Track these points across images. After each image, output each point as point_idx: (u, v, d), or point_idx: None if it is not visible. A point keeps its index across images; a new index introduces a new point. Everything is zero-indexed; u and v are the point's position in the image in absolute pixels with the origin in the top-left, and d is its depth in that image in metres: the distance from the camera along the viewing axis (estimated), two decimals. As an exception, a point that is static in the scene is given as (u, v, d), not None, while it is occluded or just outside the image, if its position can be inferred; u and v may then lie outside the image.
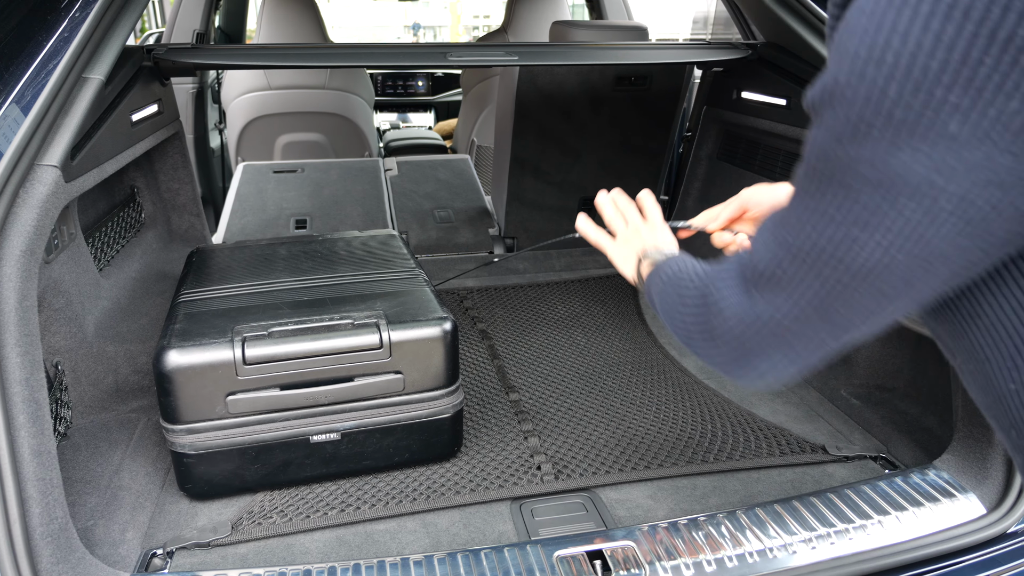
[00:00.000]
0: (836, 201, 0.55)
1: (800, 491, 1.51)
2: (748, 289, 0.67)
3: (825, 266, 0.57)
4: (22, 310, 1.17)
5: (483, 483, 1.54)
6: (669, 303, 0.81)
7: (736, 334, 0.68)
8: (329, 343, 1.44)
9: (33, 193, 1.26)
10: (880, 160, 0.51)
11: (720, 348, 0.70)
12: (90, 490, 1.43)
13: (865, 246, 0.54)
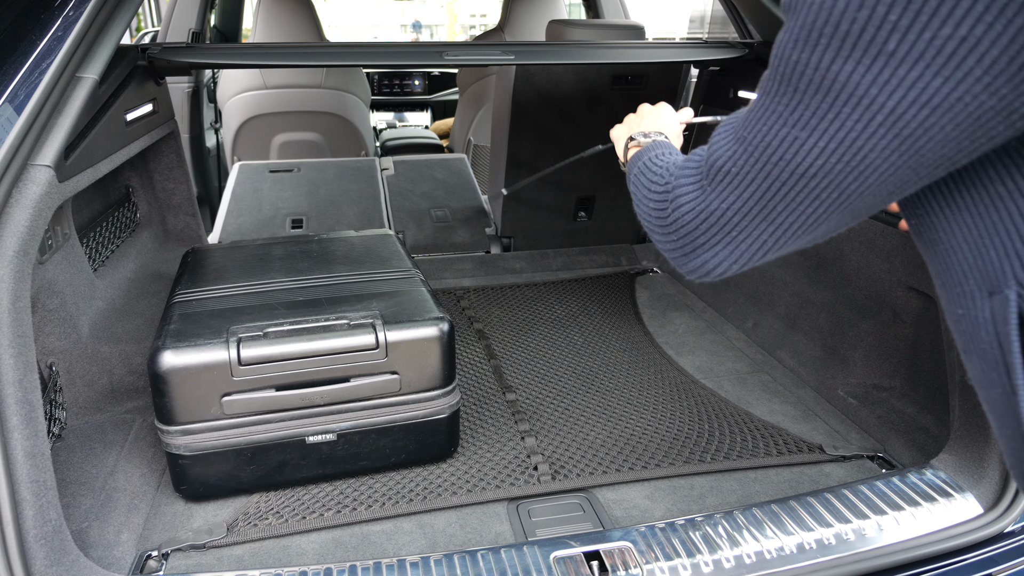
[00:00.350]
0: (787, 102, 0.59)
1: (797, 491, 1.51)
2: (703, 184, 0.71)
3: (770, 163, 0.62)
4: (15, 311, 1.16)
5: (480, 483, 1.53)
6: (638, 191, 0.86)
7: (688, 226, 0.73)
8: (325, 343, 1.44)
9: (26, 193, 1.25)
10: (826, 67, 0.54)
11: (672, 238, 0.76)
12: (84, 492, 1.42)
13: (805, 147, 0.58)
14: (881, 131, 0.54)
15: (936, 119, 0.51)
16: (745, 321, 2.27)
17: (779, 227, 0.66)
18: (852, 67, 0.53)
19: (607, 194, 2.84)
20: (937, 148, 0.53)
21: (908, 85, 0.51)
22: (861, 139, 0.55)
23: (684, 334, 2.27)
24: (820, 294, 2.00)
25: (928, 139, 0.53)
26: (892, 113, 0.52)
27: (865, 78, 0.52)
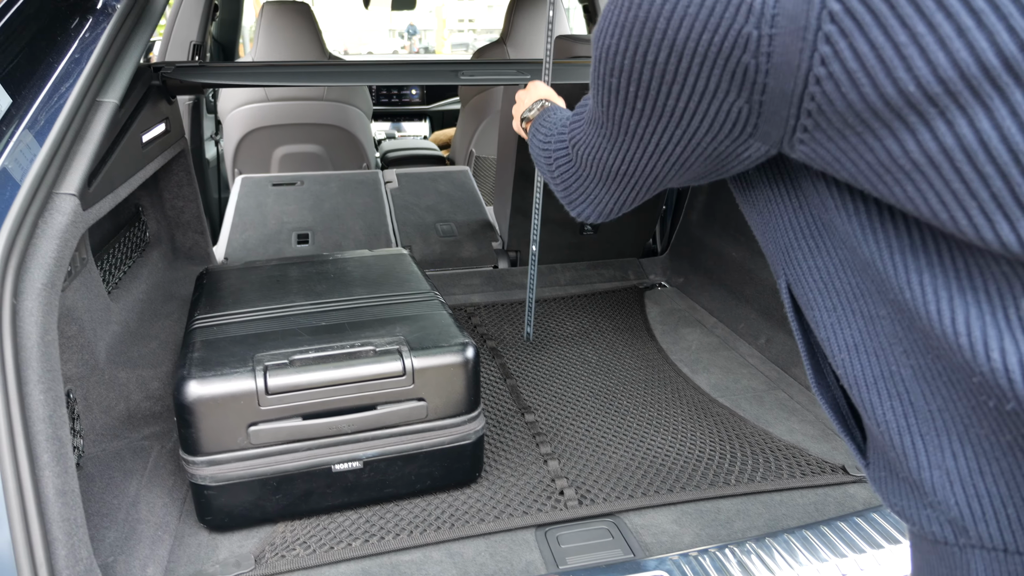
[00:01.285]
0: (597, 120, 0.76)
1: (824, 514, 1.51)
2: (571, 156, 0.91)
3: (598, 159, 0.81)
4: (44, 344, 1.15)
5: (506, 510, 1.52)
6: (538, 158, 1.07)
7: (562, 186, 0.95)
8: (351, 371, 1.42)
9: (52, 224, 1.23)
10: (607, 105, 0.70)
11: (558, 191, 0.97)
12: (108, 524, 1.40)
13: (612, 156, 0.77)
14: (655, 156, 0.70)
15: (687, 153, 0.66)
16: (758, 337, 2.27)
17: (620, 197, 0.84)
18: (622, 111, 0.68)
19: None
20: (700, 167, 0.68)
21: (660, 130, 0.66)
22: (643, 159, 0.72)
23: (697, 351, 2.27)
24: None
25: (689, 162, 0.68)
26: (657, 146, 0.68)
27: (632, 120, 0.68)
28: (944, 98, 0.48)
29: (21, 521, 1.05)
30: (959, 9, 0.46)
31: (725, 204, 2.59)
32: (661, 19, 0.57)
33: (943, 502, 0.61)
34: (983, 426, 0.57)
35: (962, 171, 0.49)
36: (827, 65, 0.51)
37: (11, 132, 1.36)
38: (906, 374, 0.61)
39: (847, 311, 0.64)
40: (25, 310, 1.14)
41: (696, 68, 0.57)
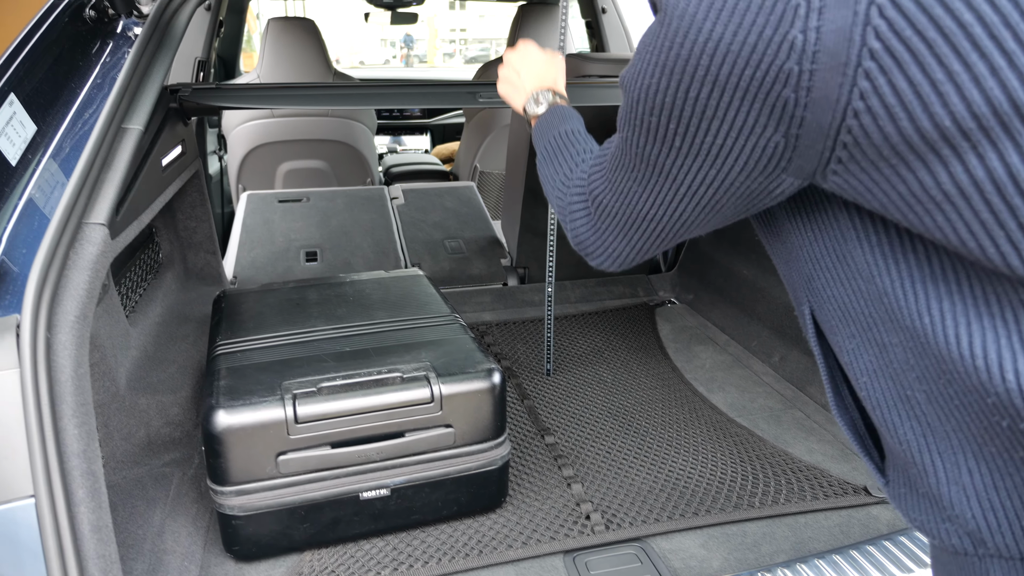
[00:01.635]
0: (626, 163, 0.75)
1: (848, 536, 1.52)
2: (590, 210, 0.87)
3: (626, 204, 0.79)
4: (77, 378, 1.14)
5: (533, 535, 1.52)
6: (546, 168, 1.04)
7: (580, 238, 0.91)
8: (380, 399, 1.42)
9: (83, 254, 1.22)
10: (641, 146, 0.70)
11: (570, 234, 0.93)
12: (134, 555, 1.38)
13: (641, 199, 0.76)
14: (687, 197, 0.70)
15: (720, 193, 0.67)
16: (772, 355, 2.28)
17: (640, 246, 0.84)
18: (658, 150, 0.68)
19: None
20: (730, 209, 0.69)
21: (696, 168, 0.66)
22: (674, 202, 0.72)
23: (712, 369, 2.28)
24: (851, 331, 2.01)
25: (720, 205, 0.69)
26: (691, 187, 0.68)
27: (668, 159, 0.68)
28: (976, 133, 0.50)
29: (58, 560, 1.04)
30: (992, 50, 0.48)
31: (736, 222, 2.60)
32: (704, 55, 0.58)
33: (961, 515, 0.64)
34: (996, 444, 0.60)
35: (991, 202, 0.52)
36: (866, 99, 0.53)
37: (38, 160, 1.36)
38: (920, 398, 0.64)
39: (864, 338, 0.67)
40: (59, 343, 1.13)
41: (737, 103, 0.59)
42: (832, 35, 0.52)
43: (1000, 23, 0.48)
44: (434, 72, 6.43)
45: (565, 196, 0.95)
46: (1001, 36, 0.49)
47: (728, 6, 0.56)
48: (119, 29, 1.71)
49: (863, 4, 0.51)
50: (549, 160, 1.04)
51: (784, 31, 0.54)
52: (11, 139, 1.34)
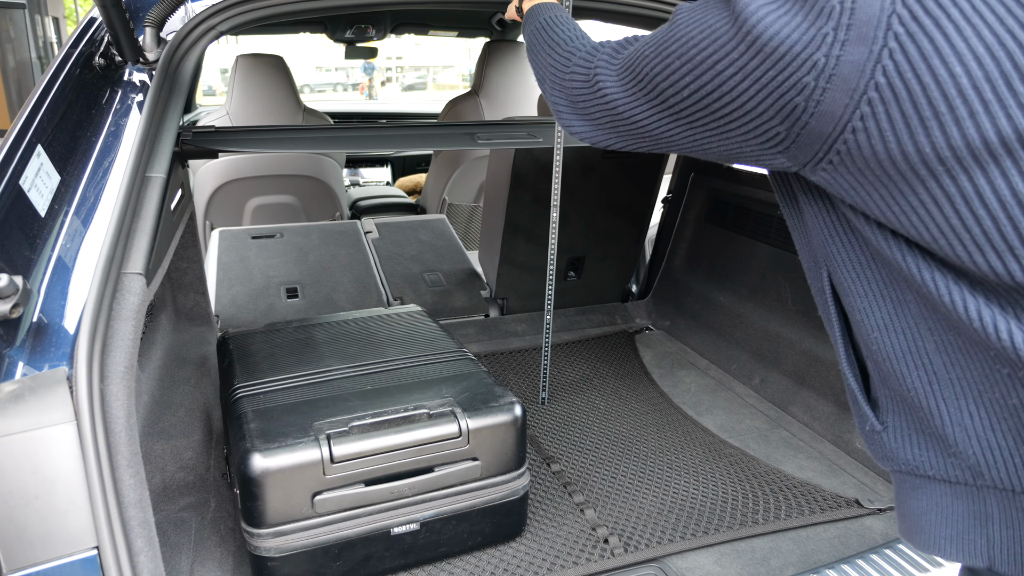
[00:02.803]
0: (640, 78, 0.84)
1: (848, 546, 1.63)
2: (624, 77, 0.90)
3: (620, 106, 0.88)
4: (129, 428, 1.15)
5: (556, 562, 1.58)
6: (538, 41, 1.10)
7: (589, 100, 0.94)
8: (410, 435, 1.46)
9: (126, 305, 1.24)
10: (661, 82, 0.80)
11: (564, 97, 0.99)
12: (171, 603, 1.38)
13: (638, 112, 0.86)
14: (684, 129, 0.81)
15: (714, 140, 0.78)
16: (751, 378, 2.41)
17: (622, 140, 0.92)
18: (673, 93, 0.78)
19: (596, 255, 2.96)
20: (716, 153, 0.81)
21: (701, 118, 0.77)
22: (671, 128, 0.82)
23: (697, 393, 2.39)
24: (828, 353, 2.15)
25: (710, 146, 0.80)
26: (690, 126, 0.80)
27: (680, 104, 0.78)
28: (951, 162, 0.63)
29: (124, 609, 1.05)
30: (973, 97, 0.61)
31: (709, 250, 2.74)
32: (746, 43, 0.69)
33: (963, 452, 0.74)
34: (996, 391, 0.71)
35: (951, 218, 0.65)
36: (864, 121, 0.65)
37: (65, 211, 1.37)
38: (930, 348, 0.74)
39: (878, 296, 0.78)
40: (111, 395, 1.14)
41: (754, 90, 0.70)
42: (848, 65, 0.64)
43: (983, 77, 0.60)
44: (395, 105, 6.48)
45: (568, 62, 1.00)
46: (982, 88, 0.61)
47: (771, 15, 0.67)
48: (125, 76, 1.73)
49: (878, 45, 0.62)
50: (542, 36, 1.11)
51: (811, 52, 0.65)
52: (40, 190, 1.35)
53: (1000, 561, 0.74)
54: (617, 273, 3.03)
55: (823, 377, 2.17)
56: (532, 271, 2.94)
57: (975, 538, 0.76)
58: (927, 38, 0.62)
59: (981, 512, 0.75)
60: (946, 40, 0.62)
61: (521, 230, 2.82)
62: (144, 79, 1.72)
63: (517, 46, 3.91)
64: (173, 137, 1.61)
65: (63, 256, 1.30)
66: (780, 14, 0.67)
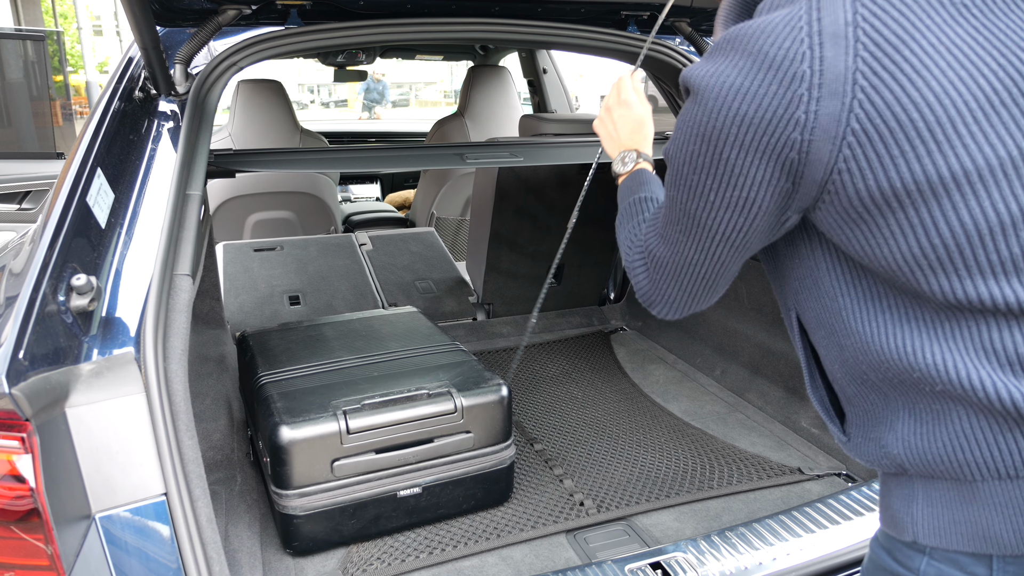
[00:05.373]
0: (673, 218, 0.93)
1: (789, 504, 1.90)
2: (648, 269, 1.01)
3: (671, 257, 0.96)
4: (186, 400, 1.40)
5: (540, 520, 1.83)
6: (622, 229, 1.15)
7: (642, 288, 1.03)
8: (414, 411, 1.72)
9: (179, 300, 1.49)
10: (684, 201, 0.89)
11: (638, 292, 1.05)
12: (211, 554, 1.62)
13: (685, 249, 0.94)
14: (721, 241, 0.89)
15: (745, 233, 0.87)
16: (714, 369, 2.69)
17: (692, 290, 0.98)
18: (697, 204, 0.87)
19: (574, 263, 3.23)
20: (754, 243, 0.89)
21: (727, 217, 0.86)
22: (712, 245, 0.90)
23: (665, 383, 2.66)
24: (778, 345, 2.44)
25: (746, 241, 0.88)
26: (724, 233, 0.88)
27: (705, 212, 0.87)
28: (915, 194, 0.75)
29: (188, 543, 1.30)
30: (928, 138, 0.74)
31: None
32: (734, 127, 0.80)
33: (891, 452, 0.89)
34: (922, 403, 0.85)
35: (911, 245, 0.77)
36: (846, 163, 0.76)
37: (120, 223, 1.62)
38: (872, 377, 0.88)
39: (830, 339, 0.92)
40: (172, 372, 1.39)
41: (757, 160, 0.80)
42: (826, 117, 0.75)
43: (935, 121, 0.73)
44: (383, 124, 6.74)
45: (630, 254, 1.07)
46: (935, 130, 0.73)
47: (751, 91, 0.78)
48: (159, 107, 1.99)
49: (848, 98, 0.74)
50: (624, 222, 1.16)
51: (792, 111, 0.76)
52: (101, 206, 1.60)
53: (923, 534, 0.87)
54: (594, 279, 3.31)
55: (775, 367, 2.45)
56: (516, 278, 3.21)
57: (903, 516, 0.89)
58: (888, 90, 0.73)
59: (909, 494, 0.89)
60: (903, 91, 0.73)
61: (505, 240, 3.09)
62: (174, 109, 1.97)
63: (500, 70, 4.21)
64: (206, 159, 1.86)
65: (119, 260, 1.55)
66: (754, 93, 0.77)
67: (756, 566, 1.57)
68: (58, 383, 1.21)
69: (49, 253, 1.29)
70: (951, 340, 0.80)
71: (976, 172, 0.74)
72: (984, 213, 0.75)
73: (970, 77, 0.74)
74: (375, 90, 10.78)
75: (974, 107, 0.74)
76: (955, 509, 0.85)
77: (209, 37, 1.90)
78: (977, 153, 0.74)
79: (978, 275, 0.77)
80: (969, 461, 0.82)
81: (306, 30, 2.00)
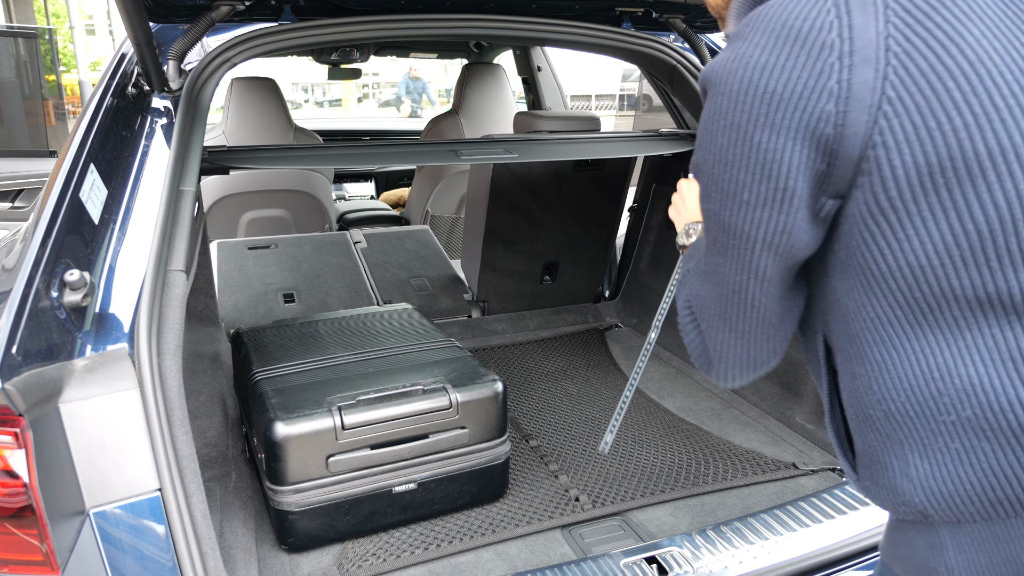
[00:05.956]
0: (709, 241, 0.86)
1: (783, 499, 1.90)
2: (696, 323, 0.94)
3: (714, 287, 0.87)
4: (180, 395, 1.40)
5: (535, 516, 1.83)
6: (682, 296, 1.04)
7: (695, 348, 0.96)
8: (408, 407, 1.72)
9: (172, 295, 1.49)
10: (716, 211, 0.82)
11: (697, 362, 0.97)
12: (206, 551, 1.62)
13: (727, 274, 0.84)
14: (763, 251, 0.81)
15: (786, 234, 0.79)
16: (708, 365, 2.69)
17: (743, 329, 0.87)
18: (732, 210, 0.80)
19: (569, 260, 3.24)
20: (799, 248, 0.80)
21: (766, 219, 0.78)
22: (754, 259, 0.81)
23: (660, 380, 2.66)
24: (772, 340, 2.44)
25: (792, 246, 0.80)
26: (764, 239, 0.80)
27: (741, 217, 0.79)
28: (949, 173, 0.71)
29: (183, 539, 1.29)
30: (965, 111, 0.70)
31: (671, 254, 3.03)
32: (763, 106, 0.74)
33: (910, 500, 0.82)
34: (938, 441, 0.79)
35: (952, 228, 0.73)
36: (883, 135, 0.71)
37: (113, 219, 1.61)
38: (878, 415, 0.82)
39: (844, 367, 0.87)
40: (165, 367, 1.39)
41: (791, 141, 0.74)
42: (860, 85, 0.71)
43: (971, 92, 0.70)
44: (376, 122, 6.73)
45: (682, 316, 0.98)
46: (971, 102, 0.70)
47: (778, 66, 0.73)
48: (152, 103, 1.98)
49: (882, 64, 0.70)
50: (682, 293, 1.07)
51: (824, 82, 0.71)
52: (94, 202, 1.59)
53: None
54: (589, 276, 3.31)
55: (768, 362, 2.45)
56: (511, 275, 3.21)
57: (936, 566, 0.84)
58: (921, 56, 0.70)
59: (936, 543, 0.83)
60: (937, 59, 0.70)
61: (500, 238, 3.09)
62: (167, 105, 1.97)
63: (495, 68, 4.21)
64: (199, 156, 1.86)
65: (113, 256, 1.55)
66: (781, 67, 0.73)
67: (751, 560, 1.58)
68: (51, 378, 1.21)
69: (42, 249, 1.29)
70: (978, 352, 0.76)
71: (1013, 150, 0.71)
72: (1019, 195, 0.72)
73: (1004, 50, 0.72)
74: (415, 89, 10.41)
75: (1011, 80, 0.71)
76: (991, 551, 0.80)
77: (202, 33, 1.89)
78: (1015, 129, 0.71)
79: (1010, 266, 0.73)
80: (1003, 499, 0.77)
81: (300, 26, 2.00)
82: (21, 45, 5.18)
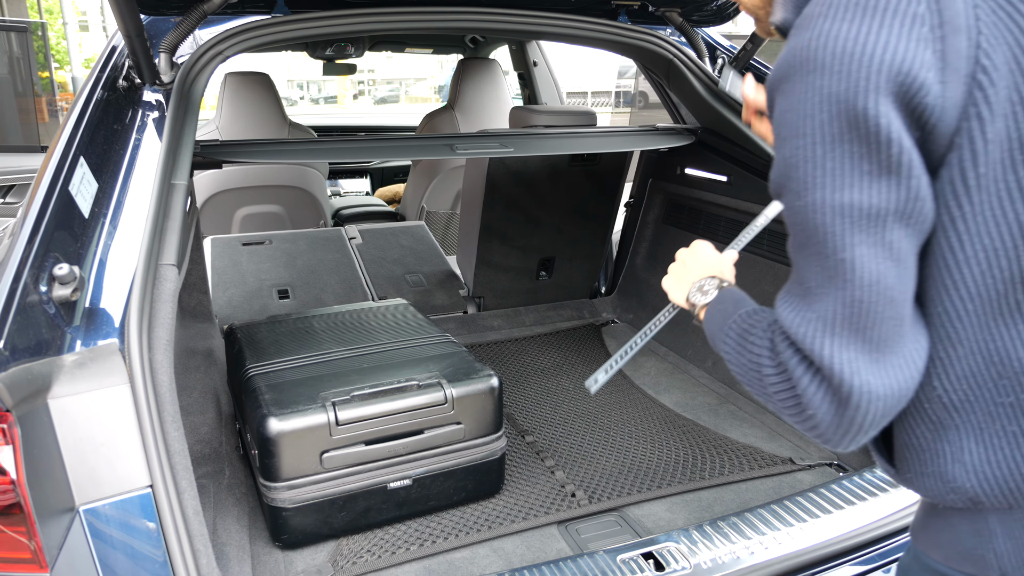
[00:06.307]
0: (798, 245, 0.79)
1: (781, 495, 1.89)
2: (818, 377, 0.78)
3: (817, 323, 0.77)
4: (171, 391, 1.38)
5: (531, 511, 1.82)
6: (741, 367, 0.88)
7: (790, 409, 0.81)
8: (403, 402, 1.70)
9: (164, 290, 1.47)
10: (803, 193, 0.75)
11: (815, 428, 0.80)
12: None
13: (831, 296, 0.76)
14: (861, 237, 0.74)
15: (881, 221, 0.73)
16: (705, 361, 2.68)
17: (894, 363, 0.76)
18: (822, 189, 0.74)
19: (565, 255, 3.22)
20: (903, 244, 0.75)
21: (894, 190, 0.72)
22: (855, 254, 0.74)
23: (656, 375, 2.65)
24: (769, 335, 2.43)
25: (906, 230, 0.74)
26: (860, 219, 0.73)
27: (833, 195, 0.73)
28: None
29: (175, 536, 1.28)
30: None
31: (667, 249, 3.02)
32: (864, 69, 0.71)
33: (962, 487, 0.81)
34: (997, 424, 0.77)
35: (1018, 214, 0.71)
36: (977, 106, 0.71)
37: (104, 212, 1.59)
38: (933, 406, 0.81)
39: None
40: (157, 362, 1.37)
41: (889, 109, 0.70)
42: (953, 53, 0.70)
43: None
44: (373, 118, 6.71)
45: (767, 380, 0.83)
46: None
47: (873, 33, 0.71)
48: (143, 96, 1.96)
49: (974, 32, 0.70)
50: (739, 354, 0.89)
51: (919, 51, 0.70)
52: (84, 196, 1.57)
53: (1012, 569, 0.81)
54: (585, 272, 3.30)
55: (765, 357, 2.44)
56: (506, 271, 3.19)
57: (984, 553, 0.82)
58: (1013, 22, 0.70)
59: (985, 530, 0.82)
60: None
61: (495, 233, 3.07)
62: (159, 99, 1.95)
63: (490, 63, 4.19)
64: (191, 149, 1.84)
65: (103, 250, 1.53)
66: (876, 35, 0.70)
67: (748, 555, 1.57)
68: (40, 374, 1.19)
69: (31, 242, 1.27)
70: None
71: None
72: None
73: None
74: None
75: None
76: None
77: (194, 26, 1.87)
78: None
79: None
80: None
81: (293, 19, 1.98)
82: (13, 40, 5.14)
